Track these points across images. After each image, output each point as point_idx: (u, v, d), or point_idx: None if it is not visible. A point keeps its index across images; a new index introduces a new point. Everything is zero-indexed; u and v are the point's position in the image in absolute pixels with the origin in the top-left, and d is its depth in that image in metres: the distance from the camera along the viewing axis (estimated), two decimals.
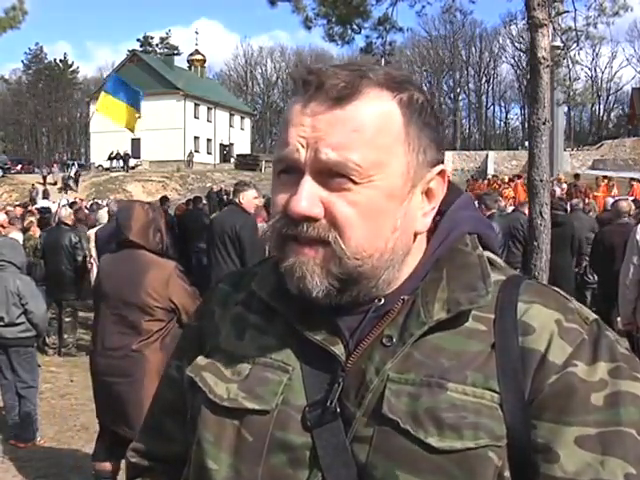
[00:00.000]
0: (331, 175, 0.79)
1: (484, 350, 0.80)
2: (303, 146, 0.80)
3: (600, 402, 0.76)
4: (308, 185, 0.79)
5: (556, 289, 0.88)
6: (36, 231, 9.38)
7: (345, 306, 0.85)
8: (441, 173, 0.86)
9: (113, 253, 3.61)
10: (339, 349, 0.83)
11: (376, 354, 0.81)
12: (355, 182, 0.78)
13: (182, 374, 0.96)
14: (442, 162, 0.87)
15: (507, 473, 0.76)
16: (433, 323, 0.81)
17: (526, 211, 8.43)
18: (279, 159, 0.83)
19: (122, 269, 3.42)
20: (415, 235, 0.86)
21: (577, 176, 19.90)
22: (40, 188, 28.94)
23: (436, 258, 0.87)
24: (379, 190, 0.79)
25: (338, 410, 0.81)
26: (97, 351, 3.48)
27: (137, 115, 9.50)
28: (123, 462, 3.54)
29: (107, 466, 3.62)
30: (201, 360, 0.92)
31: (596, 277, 8.09)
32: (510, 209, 10.31)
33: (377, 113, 0.80)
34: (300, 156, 0.80)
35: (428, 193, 0.86)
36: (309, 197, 0.79)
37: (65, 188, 33.40)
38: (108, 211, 8.41)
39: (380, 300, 0.85)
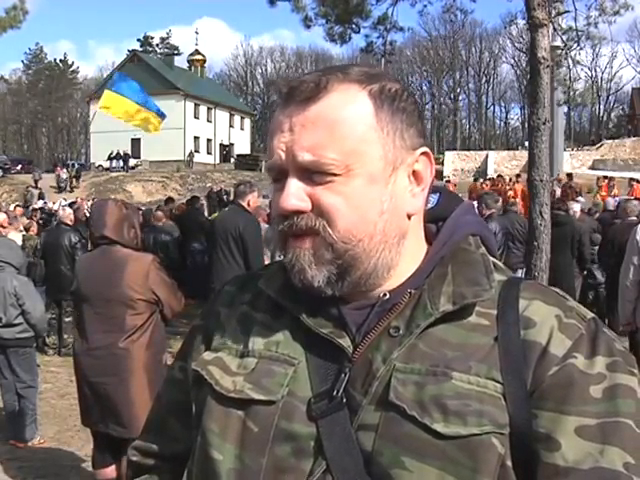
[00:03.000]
0: (313, 172, 0.83)
1: (487, 343, 0.82)
2: (283, 151, 0.85)
3: (599, 394, 0.78)
4: (293, 183, 0.84)
5: (554, 289, 0.90)
6: (35, 231, 9.39)
7: (351, 301, 0.88)
8: (425, 154, 0.89)
9: (87, 254, 3.58)
10: (345, 341, 0.85)
11: (383, 344, 0.84)
12: (336, 174, 0.83)
13: (186, 374, 0.98)
14: (425, 145, 0.89)
15: (509, 462, 0.78)
16: (439, 314, 0.83)
17: (517, 210, 8.54)
18: (268, 168, 0.89)
19: (100, 267, 3.40)
20: (409, 217, 0.88)
21: (570, 176, 19.48)
22: (35, 192, 28.98)
23: (440, 256, 0.89)
24: (360, 177, 0.83)
25: (344, 400, 0.82)
26: (81, 352, 3.44)
27: (158, 119, 9.54)
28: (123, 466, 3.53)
29: (108, 472, 3.59)
30: (207, 355, 0.94)
31: (599, 277, 8.10)
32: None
33: (345, 105, 0.84)
34: (282, 161, 0.85)
35: (415, 175, 0.88)
36: (295, 193, 0.83)
37: (63, 188, 33.37)
38: None
39: (385, 295, 0.87)
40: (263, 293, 0.94)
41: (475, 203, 6.85)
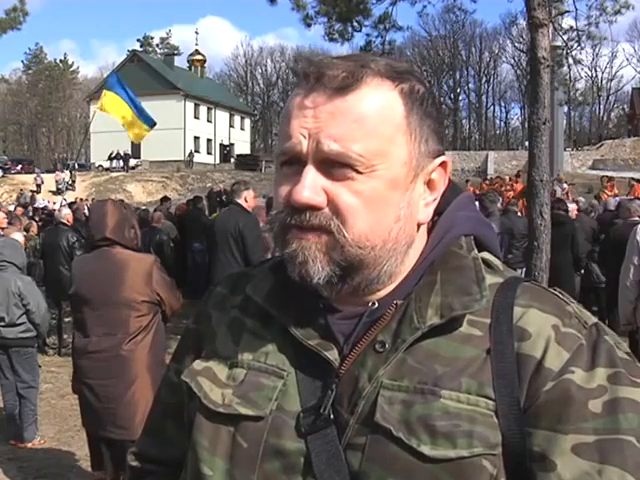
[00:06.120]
0: (334, 165, 0.79)
1: (479, 356, 0.78)
2: (305, 137, 0.79)
3: (599, 409, 0.74)
4: (311, 174, 0.79)
5: (554, 291, 0.86)
6: (35, 231, 9.40)
7: (341, 306, 0.85)
8: (443, 164, 0.86)
9: (85, 255, 3.54)
10: (333, 354, 0.82)
11: (368, 360, 0.80)
12: (359, 172, 0.78)
13: (180, 377, 0.96)
14: (443, 153, 0.87)
15: None
16: (426, 329, 0.79)
17: (517, 209, 8.55)
18: (282, 152, 0.82)
19: (101, 268, 3.37)
20: (418, 226, 0.86)
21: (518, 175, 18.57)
22: (28, 194, 29.00)
23: (430, 261, 0.85)
24: (382, 179, 0.79)
25: (332, 417, 0.80)
26: (82, 355, 3.40)
27: (146, 128, 9.66)
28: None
29: (108, 474, 3.59)
30: (197, 365, 0.92)
31: (600, 277, 8.10)
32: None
33: (378, 103, 0.80)
34: (302, 147, 0.79)
35: (430, 184, 0.86)
36: (312, 186, 0.78)
37: (62, 190, 33.37)
38: None
39: (374, 304, 0.83)
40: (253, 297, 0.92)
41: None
